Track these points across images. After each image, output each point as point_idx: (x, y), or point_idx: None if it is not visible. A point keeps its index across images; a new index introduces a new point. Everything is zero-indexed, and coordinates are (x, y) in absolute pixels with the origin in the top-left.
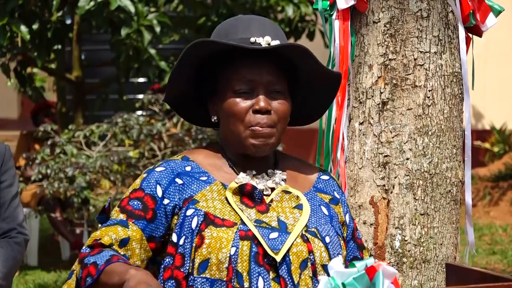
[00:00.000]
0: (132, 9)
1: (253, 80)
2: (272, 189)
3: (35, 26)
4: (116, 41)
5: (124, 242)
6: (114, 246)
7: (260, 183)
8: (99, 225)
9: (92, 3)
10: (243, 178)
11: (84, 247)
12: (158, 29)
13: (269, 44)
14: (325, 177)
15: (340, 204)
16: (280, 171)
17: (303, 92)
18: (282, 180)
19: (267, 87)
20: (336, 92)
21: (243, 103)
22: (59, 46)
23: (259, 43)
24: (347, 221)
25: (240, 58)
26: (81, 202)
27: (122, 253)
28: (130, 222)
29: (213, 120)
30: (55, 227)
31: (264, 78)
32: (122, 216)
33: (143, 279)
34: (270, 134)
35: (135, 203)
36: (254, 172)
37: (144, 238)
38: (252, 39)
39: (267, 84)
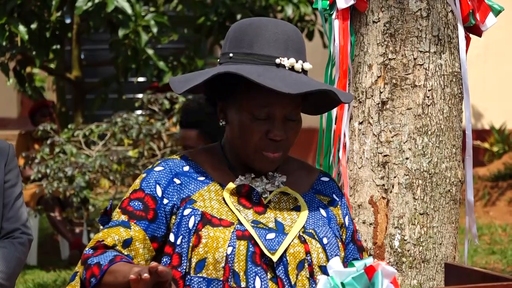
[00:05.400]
0: (129, 10)
1: (274, 111)
2: (271, 192)
3: (33, 26)
4: (115, 41)
5: (127, 243)
6: (117, 247)
7: (259, 186)
8: (101, 227)
9: (89, 4)
10: (242, 181)
11: (87, 249)
12: (155, 29)
13: (292, 66)
14: (325, 179)
15: (339, 206)
16: (280, 173)
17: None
18: (282, 182)
19: (285, 115)
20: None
21: (259, 128)
22: (58, 46)
23: (284, 64)
24: (346, 224)
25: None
26: (81, 201)
27: (126, 253)
28: (132, 223)
29: (220, 124)
30: (54, 227)
31: (286, 108)
32: (123, 217)
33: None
34: (279, 158)
35: (136, 203)
36: (253, 175)
37: (147, 238)
38: (278, 60)
39: (286, 113)
